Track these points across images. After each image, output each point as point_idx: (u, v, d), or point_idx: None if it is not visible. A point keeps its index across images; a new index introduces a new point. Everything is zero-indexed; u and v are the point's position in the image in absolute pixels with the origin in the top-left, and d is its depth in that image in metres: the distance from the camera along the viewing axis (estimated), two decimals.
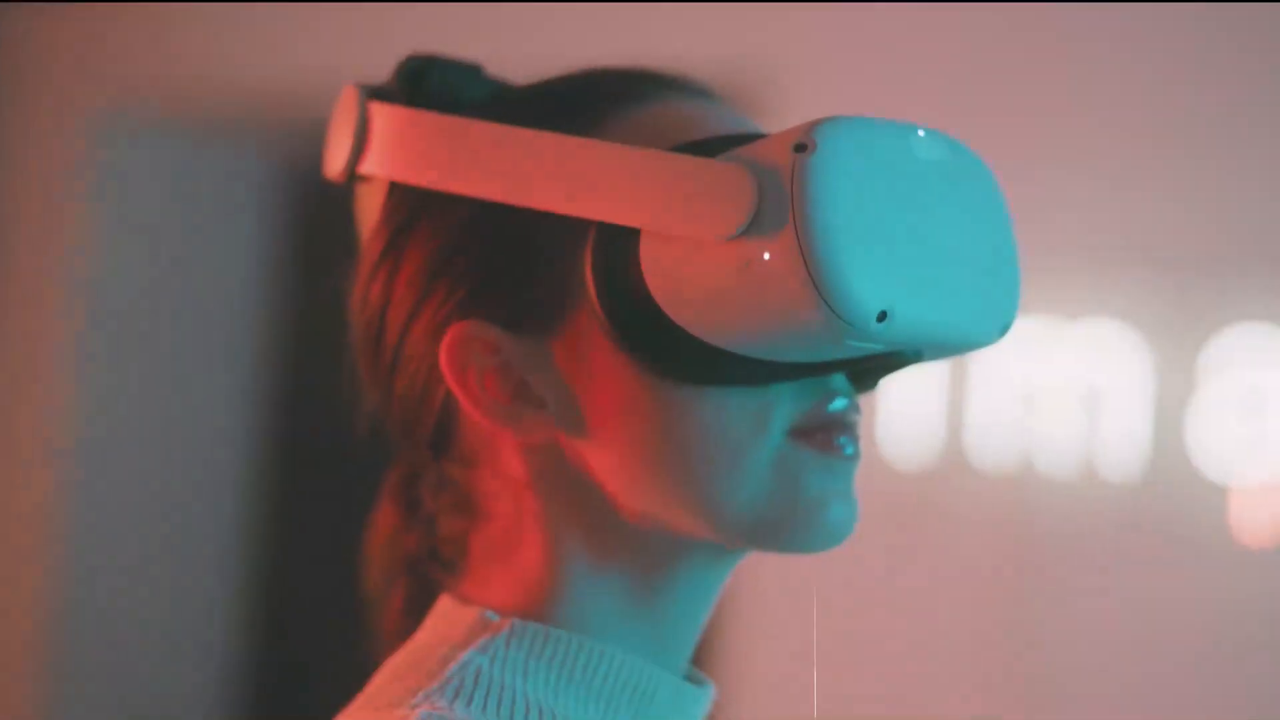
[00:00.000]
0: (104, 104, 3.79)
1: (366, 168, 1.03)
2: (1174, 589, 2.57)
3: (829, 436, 0.94)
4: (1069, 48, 2.72)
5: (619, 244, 0.92)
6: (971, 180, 0.94)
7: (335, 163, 1.05)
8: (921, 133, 0.91)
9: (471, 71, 1.05)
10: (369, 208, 1.06)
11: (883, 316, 0.86)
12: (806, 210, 0.86)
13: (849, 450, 0.95)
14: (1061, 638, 2.64)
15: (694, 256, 0.89)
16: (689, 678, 1.04)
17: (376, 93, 1.04)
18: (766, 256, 0.86)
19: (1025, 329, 2.64)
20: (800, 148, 0.87)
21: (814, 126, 0.88)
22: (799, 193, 0.86)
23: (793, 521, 0.95)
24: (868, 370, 0.96)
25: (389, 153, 1.01)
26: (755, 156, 0.89)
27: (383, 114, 1.02)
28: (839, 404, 0.95)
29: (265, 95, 3.66)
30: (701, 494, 0.93)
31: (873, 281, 0.86)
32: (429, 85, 1.03)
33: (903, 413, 2.71)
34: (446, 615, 1.00)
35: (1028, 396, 2.65)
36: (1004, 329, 0.95)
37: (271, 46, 3.60)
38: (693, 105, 0.99)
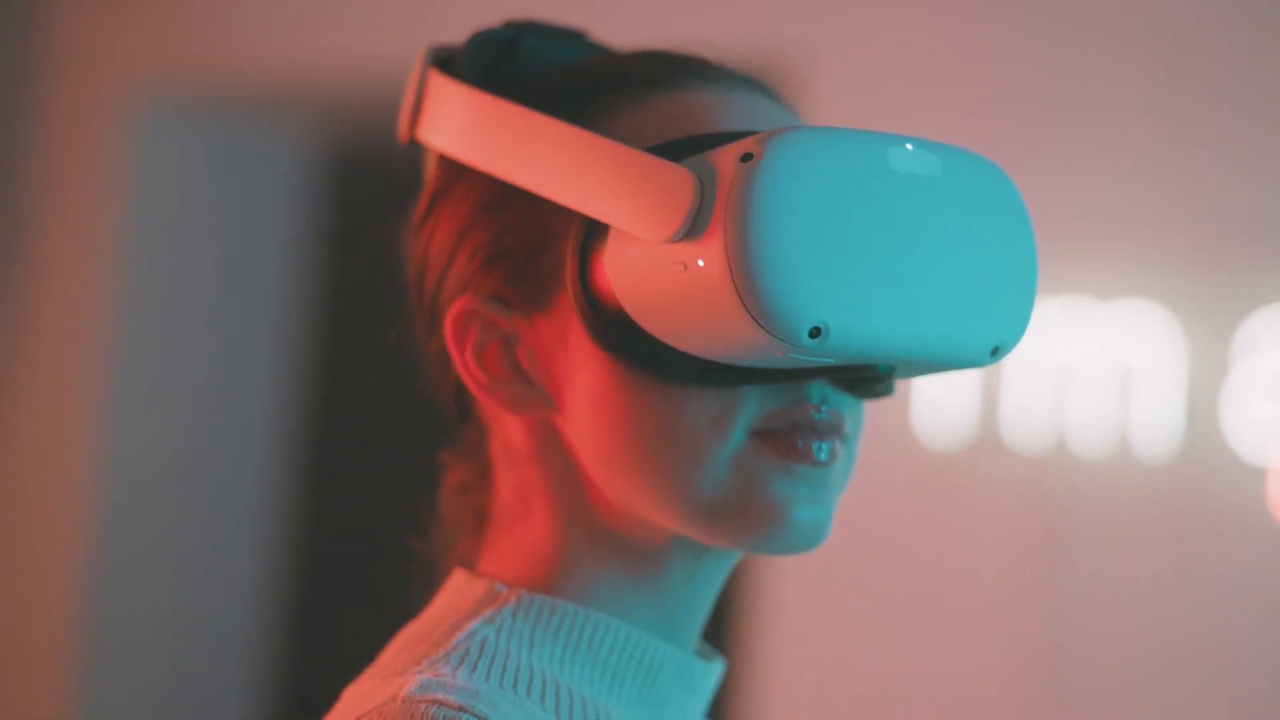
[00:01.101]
0: (138, 87, 3.80)
1: (421, 135, 1.05)
2: (1207, 569, 2.57)
3: (792, 440, 0.94)
4: (1100, 26, 2.71)
5: (595, 235, 0.93)
6: (972, 193, 0.92)
7: (401, 125, 1.07)
8: (909, 145, 0.90)
9: (567, 38, 1.07)
10: (429, 169, 1.09)
11: (817, 333, 0.86)
12: (738, 221, 0.85)
13: (821, 456, 0.94)
14: (1094, 617, 2.64)
15: (645, 255, 0.90)
16: (699, 653, 1.04)
17: (440, 60, 1.07)
18: (701, 263, 0.87)
19: (1058, 309, 2.64)
20: (746, 157, 0.87)
21: (767, 136, 0.87)
22: (734, 202, 0.86)
23: (751, 521, 0.94)
24: (849, 380, 0.95)
25: (433, 122, 1.03)
26: (712, 162, 0.89)
27: (434, 83, 1.04)
28: (808, 411, 0.94)
29: (299, 77, 3.67)
30: (664, 486, 0.94)
31: (805, 296, 0.85)
32: (492, 56, 1.05)
33: (937, 393, 2.72)
34: (458, 587, 1.01)
35: (1061, 377, 2.65)
36: (996, 350, 0.94)
37: (304, 28, 3.60)
38: (717, 95, 0.99)
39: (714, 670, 1.03)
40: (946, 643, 2.76)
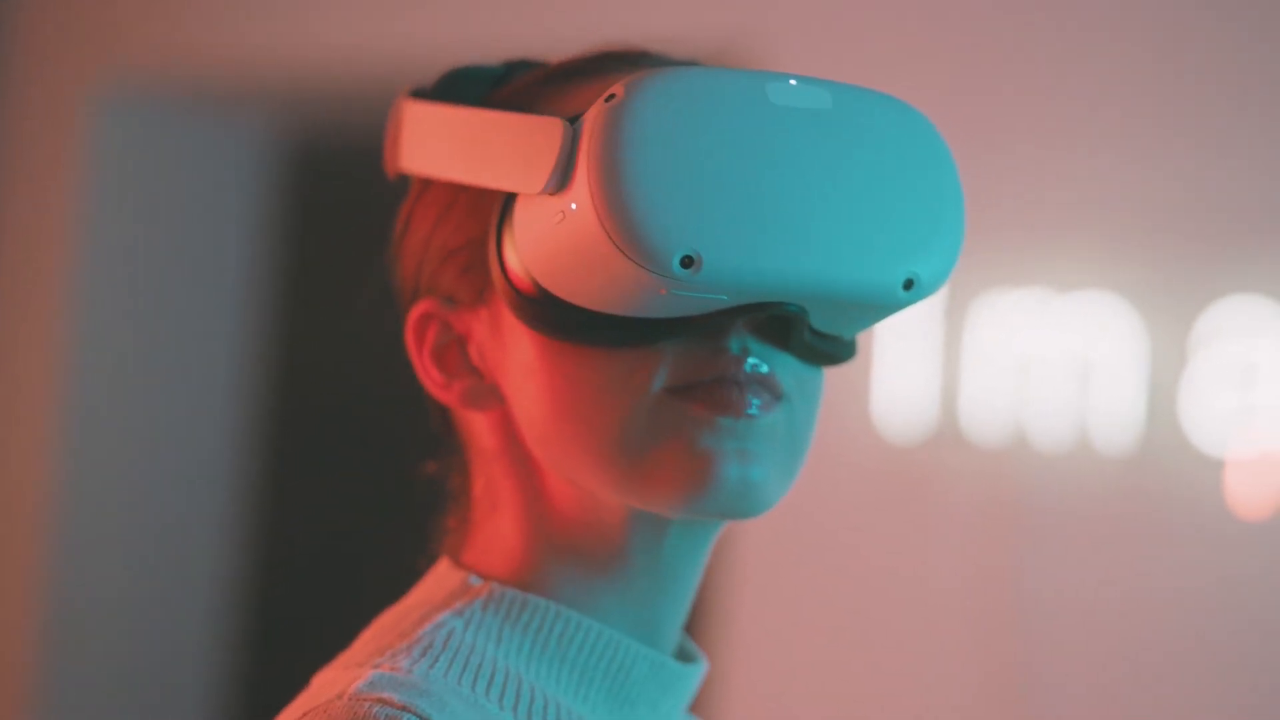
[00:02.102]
0: (98, 80, 3.78)
1: (403, 165, 1.06)
2: (1167, 561, 2.57)
3: (712, 394, 0.92)
4: (1063, 20, 2.72)
5: (506, 211, 0.94)
6: (874, 128, 0.91)
7: (386, 162, 1.08)
8: (793, 81, 0.90)
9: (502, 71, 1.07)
10: None
11: (689, 262, 0.85)
12: (598, 155, 0.86)
13: (749, 409, 0.93)
14: (1054, 610, 2.64)
15: (535, 214, 0.91)
16: (680, 653, 1.04)
17: (414, 92, 1.07)
18: (574, 206, 0.87)
19: (1017, 302, 2.64)
20: (609, 99, 0.88)
21: (628, 78, 0.88)
22: (595, 140, 0.86)
23: (678, 477, 0.93)
24: (777, 331, 0.93)
25: (406, 148, 1.05)
26: (586, 113, 0.89)
27: (403, 111, 1.05)
28: (727, 362, 0.92)
29: (259, 70, 3.65)
30: (593, 450, 0.94)
31: (672, 225, 0.85)
32: (458, 79, 1.06)
33: (896, 386, 2.72)
34: (437, 578, 1.02)
35: (1021, 369, 2.65)
36: (910, 283, 0.91)
37: (263, 21, 3.59)
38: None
39: (691, 672, 1.02)
40: (906, 635, 2.76)
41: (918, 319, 2.70)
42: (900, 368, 2.71)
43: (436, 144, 1.00)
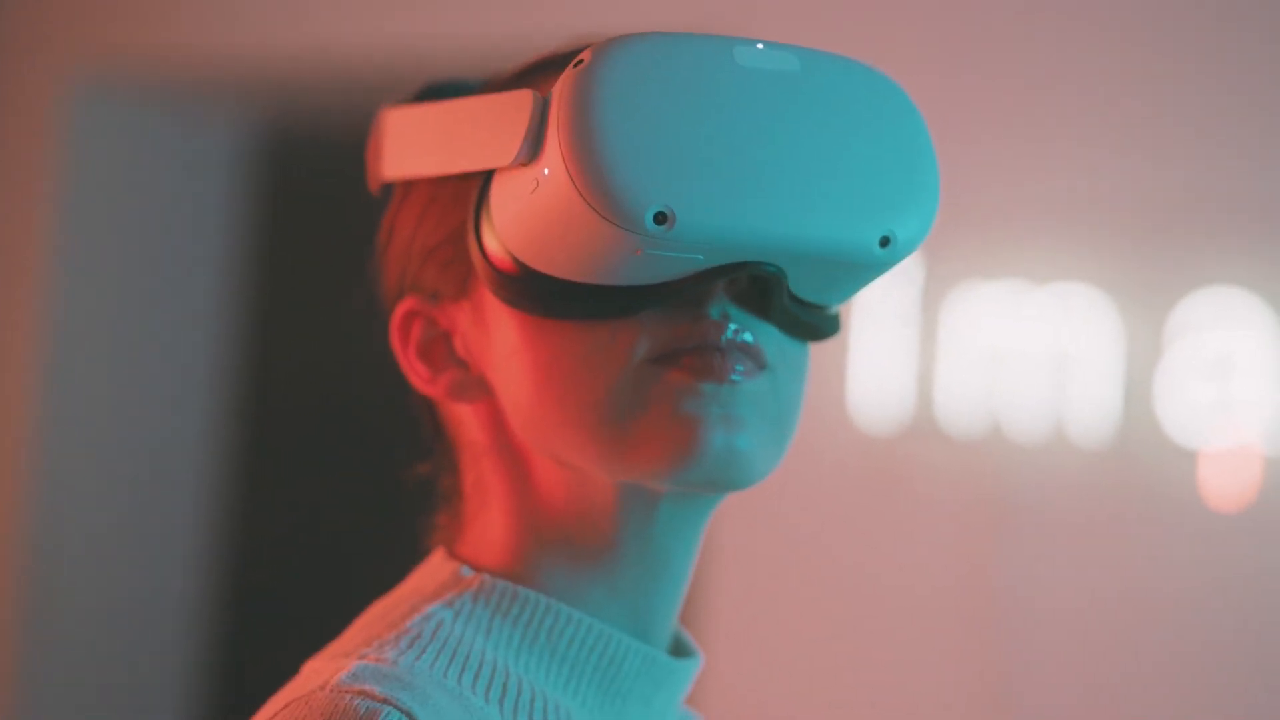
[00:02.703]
0: (72, 72, 3.76)
1: (386, 174, 1.06)
2: (1143, 553, 2.58)
3: (694, 361, 0.92)
4: (1039, 13, 2.72)
5: (482, 195, 0.95)
6: (843, 90, 0.92)
7: (371, 177, 1.08)
8: (760, 45, 0.91)
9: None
10: None
11: (662, 218, 0.86)
12: (569, 119, 0.87)
13: (735, 375, 0.93)
14: (1031, 601, 2.65)
15: (510, 188, 0.91)
16: (676, 647, 1.04)
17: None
18: (546, 172, 0.88)
19: (993, 293, 2.64)
20: (577, 64, 0.89)
21: (599, 43, 0.90)
22: (564, 104, 0.88)
23: (664, 444, 0.93)
24: (759, 296, 0.94)
25: (387, 156, 1.05)
26: (550, 84, 0.91)
27: (383, 121, 1.06)
28: (708, 328, 0.93)
29: (234, 62, 3.64)
30: (578, 423, 0.94)
31: (643, 181, 0.86)
32: (435, 88, 1.07)
33: (871, 378, 2.72)
34: (430, 568, 1.01)
35: (996, 361, 2.65)
36: (886, 240, 0.91)
37: (238, 12, 3.58)
38: None
39: (684, 666, 1.02)
40: (883, 627, 2.77)
41: (893, 310, 2.70)
42: (876, 359, 2.71)
43: (415, 144, 1.01)
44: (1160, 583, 2.56)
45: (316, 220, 4.07)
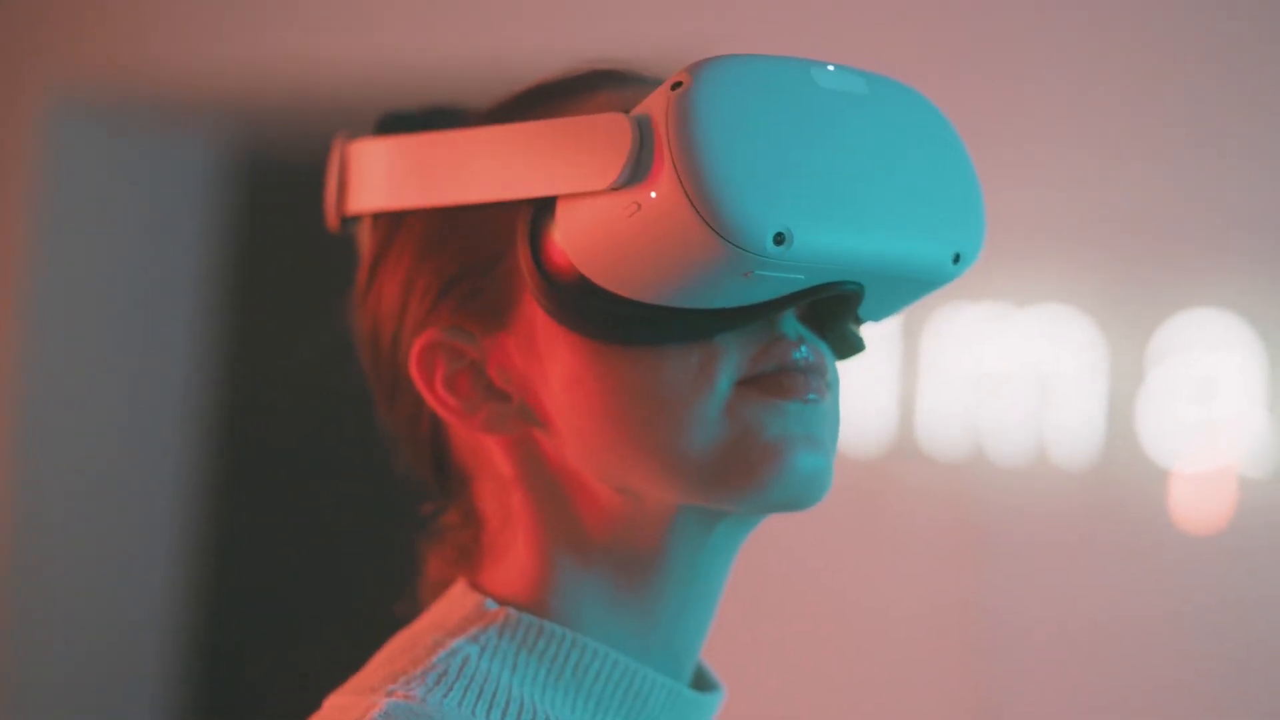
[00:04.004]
0: (48, 92, 3.76)
1: (351, 208, 1.05)
2: (1125, 575, 2.57)
3: (780, 382, 0.93)
4: (1017, 30, 2.72)
5: (543, 220, 0.93)
6: (903, 112, 0.94)
7: (328, 212, 1.06)
8: (831, 67, 0.92)
9: (462, 116, 1.06)
10: (363, 245, 1.08)
11: (781, 239, 0.86)
12: (680, 140, 0.86)
13: (811, 395, 0.94)
14: (1013, 623, 2.64)
15: (597, 213, 0.90)
16: (697, 681, 1.03)
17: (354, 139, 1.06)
18: (653, 195, 0.87)
19: (976, 315, 2.63)
20: (676, 85, 0.88)
21: (691, 65, 0.89)
22: (674, 127, 0.87)
23: (751, 470, 0.93)
24: (824, 315, 0.95)
25: (361, 187, 1.03)
26: (643, 105, 0.90)
27: (355, 152, 1.05)
28: (791, 349, 0.94)
29: (208, 81, 3.63)
30: (660, 454, 0.93)
31: (763, 203, 0.86)
32: (410, 127, 1.05)
33: (854, 400, 2.71)
34: (452, 600, 1.00)
35: (979, 383, 2.65)
36: (958, 258, 0.94)
37: (213, 33, 3.57)
38: (629, 91, 1.00)
39: (708, 701, 1.02)
40: (865, 648, 2.76)
41: (876, 331, 2.69)
42: (858, 380, 2.70)
43: (437, 169, 0.98)
44: (1142, 603, 2.56)
45: (290, 237, 4.08)
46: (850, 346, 0.99)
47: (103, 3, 3.72)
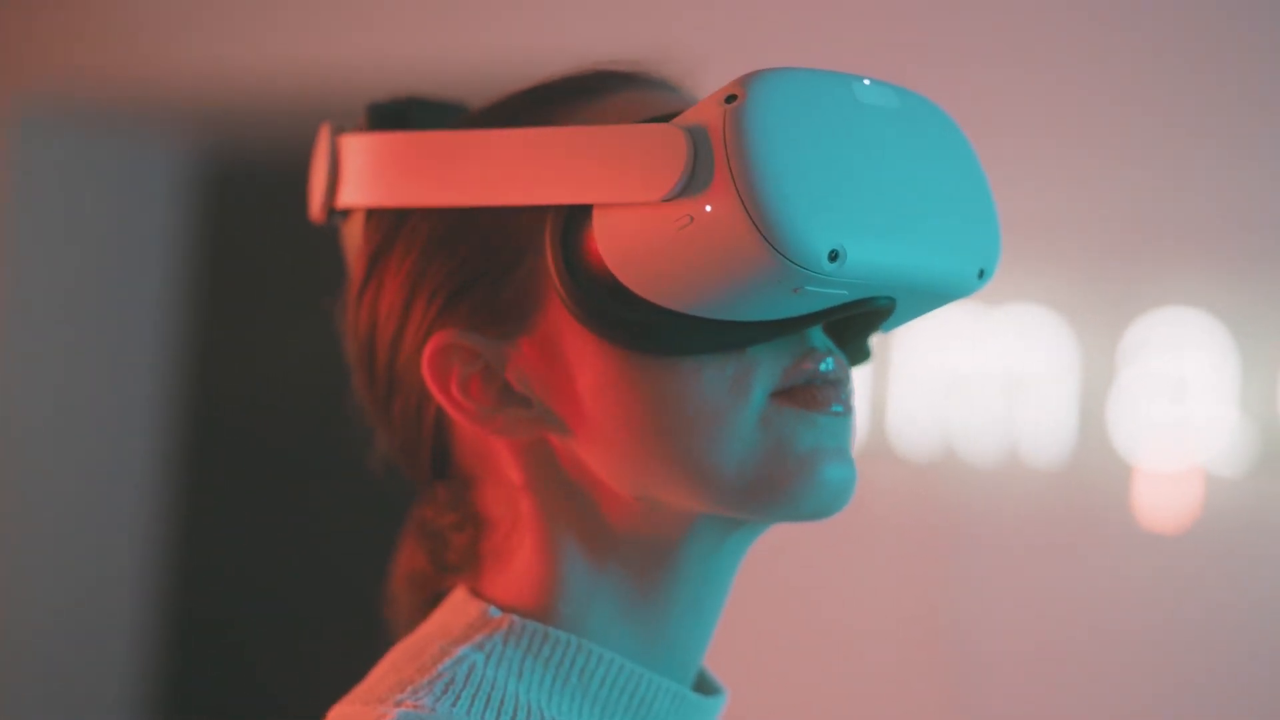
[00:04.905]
0: (13, 100, 3.75)
1: (343, 201, 1.03)
2: (1097, 574, 2.57)
3: (812, 394, 0.94)
4: (985, 29, 2.71)
5: (575, 226, 0.92)
6: (930, 127, 0.95)
7: (314, 203, 1.05)
8: (866, 81, 0.92)
9: (449, 109, 1.05)
10: (353, 241, 1.06)
11: (834, 255, 0.86)
12: (740, 156, 0.86)
13: (837, 407, 0.94)
14: (984, 623, 2.64)
15: (642, 222, 0.89)
16: (700, 685, 1.04)
17: (347, 128, 1.05)
18: (708, 209, 0.86)
19: (947, 315, 2.63)
20: (730, 99, 0.87)
21: (743, 78, 0.88)
22: (731, 140, 0.86)
23: (786, 480, 0.93)
24: (848, 327, 0.97)
25: (359, 181, 1.02)
26: (689, 116, 0.89)
27: (351, 145, 1.03)
28: (820, 361, 0.94)
29: (175, 89, 3.62)
30: (691, 464, 0.93)
31: (819, 220, 0.86)
32: (398, 120, 1.04)
33: None
34: (454, 607, 0.99)
35: (950, 383, 2.64)
36: (982, 273, 0.95)
37: (179, 40, 3.56)
38: (647, 94, 0.99)
39: (712, 705, 1.02)
40: (836, 649, 2.75)
41: None
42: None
43: (456, 168, 0.97)
44: (1114, 602, 2.56)
45: (257, 240, 4.08)
46: (862, 356, 1.00)
47: (71, 8, 3.70)
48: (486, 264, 0.96)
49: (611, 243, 0.90)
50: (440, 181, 0.97)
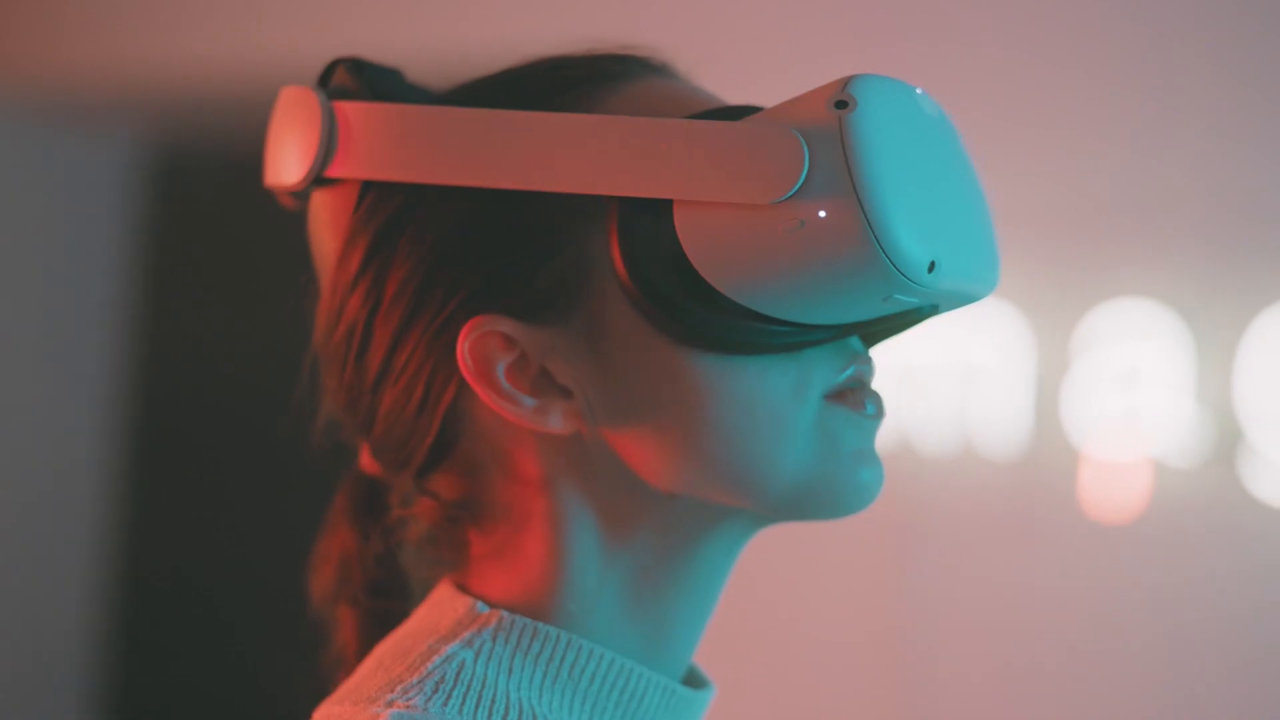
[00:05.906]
0: None
1: (340, 170, 0.98)
2: (1051, 564, 2.58)
3: (859, 396, 0.95)
4: (940, 24, 2.71)
5: (648, 218, 0.90)
6: (958, 138, 0.96)
7: (292, 170, 0.99)
8: (918, 91, 0.93)
9: (393, 74, 1.02)
10: (328, 216, 1.01)
11: (932, 267, 0.87)
12: (864, 165, 0.86)
13: (871, 410, 0.95)
14: (940, 613, 2.64)
15: (740, 221, 0.88)
16: (690, 678, 1.03)
17: (337, 92, 1.00)
18: (823, 215, 0.86)
19: None
20: (840, 104, 0.87)
21: (847, 83, 0.88)
22: (851, 149, 0.86)
23: (834, 481, 0.94)
24: (885, 331, 0.98)
25: (371, 153, 0.97)
26: (793, 118, 0.88)
27: (357, 112, 0.98)
28: (864, 362, 0.96)
29: (121, 82, 3.60)
30: (748, 465, 0.92)
31: (922, 233, 0.87)
32: (377, 83, 1.00)
33: None
34: (440, 603, 0.98)
35: (905, 374, 2.64)
36: (996, 281, 0.96)
37: (126, 33, 3.53)
38: (671, 82, 0.98)
39: (700, 697, 1.01)
40: (791, 639, 2.75)
41: None
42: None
43: (508, 150, 0.93)
44: (1070, 592, 2.56)
45: (205, 232, 4.07)
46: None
47: (11, 3, 3.67)
48: (526, 250, 0.93)
49: (699, 239, 0.88)
50: (482, 161, 0.93)
